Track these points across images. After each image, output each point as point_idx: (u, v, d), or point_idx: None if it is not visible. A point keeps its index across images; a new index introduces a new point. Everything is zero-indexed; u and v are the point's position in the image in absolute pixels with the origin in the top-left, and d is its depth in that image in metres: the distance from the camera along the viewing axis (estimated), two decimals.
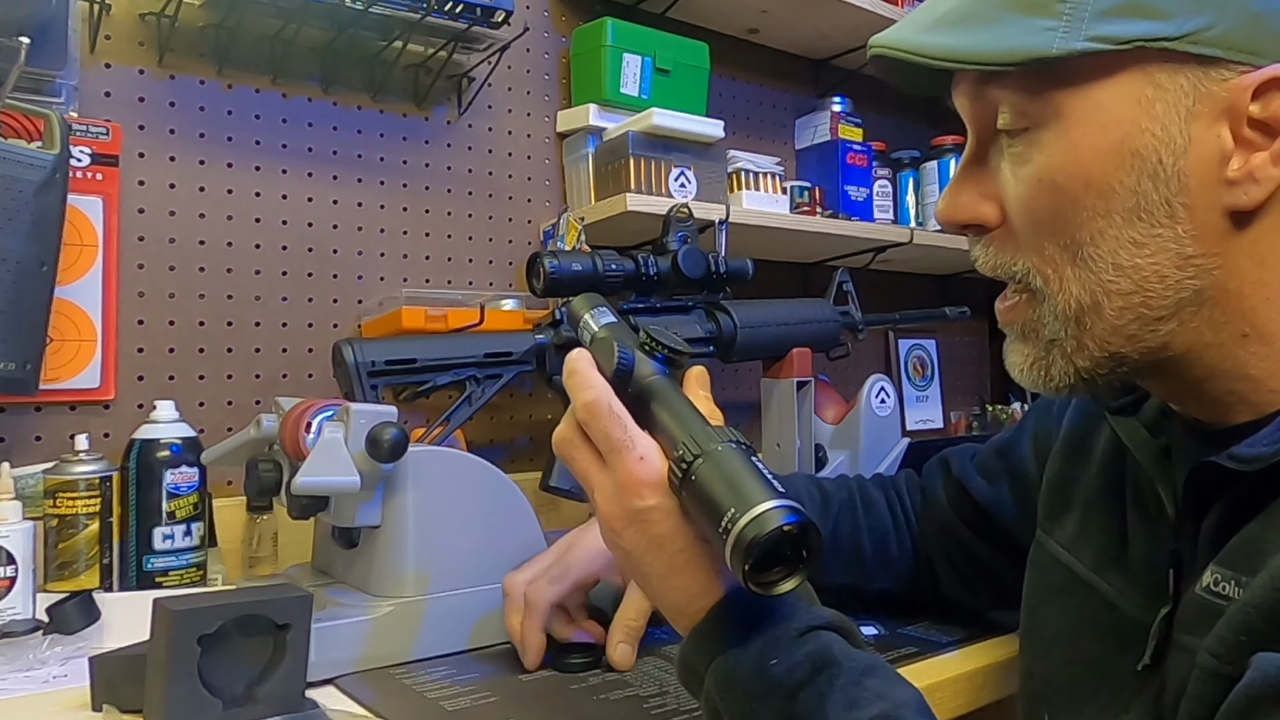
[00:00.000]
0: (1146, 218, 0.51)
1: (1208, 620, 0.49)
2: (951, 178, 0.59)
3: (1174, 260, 0.51)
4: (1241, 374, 0.53)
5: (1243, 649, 0.45)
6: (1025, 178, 0.54)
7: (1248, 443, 0.50)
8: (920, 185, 1.80)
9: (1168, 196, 0.51)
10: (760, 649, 0.50)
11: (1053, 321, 0.55)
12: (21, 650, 0.77)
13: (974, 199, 0.57)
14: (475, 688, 0.71)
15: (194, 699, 0.60)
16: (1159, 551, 0.58)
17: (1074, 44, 0.49)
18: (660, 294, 1.09)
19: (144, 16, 1.11)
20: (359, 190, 1.27)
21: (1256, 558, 0.48)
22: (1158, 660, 0.55)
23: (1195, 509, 0.55)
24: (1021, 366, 0.58)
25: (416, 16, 1.16)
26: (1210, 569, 0.51)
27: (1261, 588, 0.45)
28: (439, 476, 0.81)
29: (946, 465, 0.88)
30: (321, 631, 0.70)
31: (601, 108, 1.40)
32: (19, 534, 0.85)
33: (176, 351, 1.13)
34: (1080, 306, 0.53)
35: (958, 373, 2.10)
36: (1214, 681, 0.46)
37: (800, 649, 0.50)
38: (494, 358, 0.98)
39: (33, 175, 0.91)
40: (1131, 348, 0.53)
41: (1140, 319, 0.53)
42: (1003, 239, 0.56)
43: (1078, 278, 0.53)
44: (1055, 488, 0.71)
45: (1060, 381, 0.56)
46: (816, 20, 1.64)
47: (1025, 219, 0.54)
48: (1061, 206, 0.52)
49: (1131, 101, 0.51)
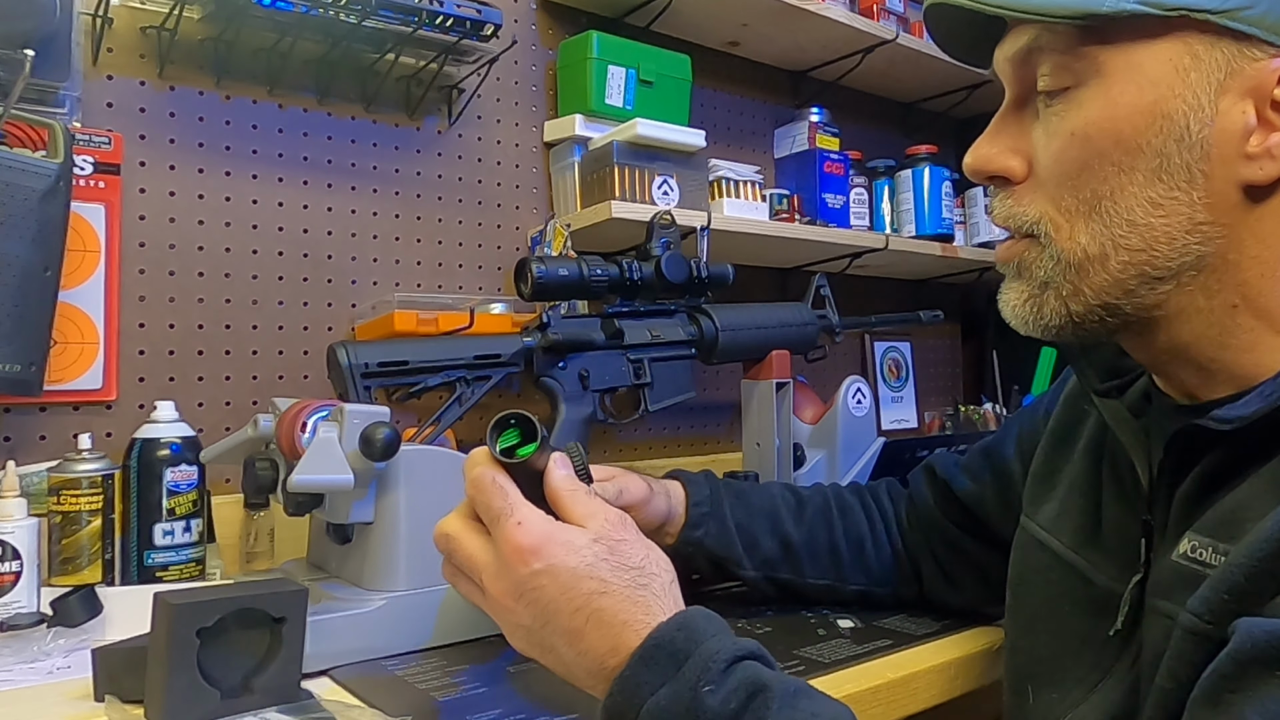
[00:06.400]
0: (1167, 179, 0.53)
1: (1184, 585, 0.50)
2: (985, 132, 0.60)
3: (1184, 224, 0.53)
4: (1224, 343, 0.55)
5: (1225, 608, 0.46)
6: (1059, 132, 0.55)
7: (1227, 407, 0.52)
8: (895, 193, 1.81)
9: (1189, 162, 0.52)
10: (691, 682, 0.49)
11: (1051, 266, 0.56)
12: (26, 642, 0.78)
13: (1004, 152, 0.58)
14: (465, 678, 0.72)
15: (193, 689, 0.60)
16: (1131, 523, 0.59)
17: (1125, 4, 0.51)
18: (644, 298, 1.11)
19: (145, 30, 1.12)
20: (353, 198, 1.28)
21: (1237, 525, 0.49)
22: (1132, 628, 0.56)
23: (1170, 479, 0.56)
24: (1015, 304, 0.59)
25: (409, 30, 1.17)
26: (1187, 536, 0.52)
27: (1246, 548, 0.46)
28: (430, 475, 0.81)
29: (931, 470, 0.90)
30: (316, 624, 0.70)
31: (587, 118, 1.41)
32: (24, 530, 0.85)
33: (176, 354, 1.13)
34: (1086, 256, 0.55)
35: (932, 374, 2.11)
36: (1196, 640, 0.47)
37: (730, 678, 0.49)
38: (483, 360, 0.98)
39: (37, 183, 0.91)
40: (1128, 301, 0.55)
41: (1141, 276, 0.54)
42: (1023, 192, 0.58)
43: (1089, 230, 0.54)
44: (1040, 476, 0.73)
45: (1050, 320, 0.57)
46: (795, 34, 1.64)
47: (1053, 170, 0.56)
48: (1089, 160, 0.54)
49: (1170, 67, 0.52)
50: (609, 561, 0.54)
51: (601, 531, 0.55)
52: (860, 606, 0.91)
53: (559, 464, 0.59)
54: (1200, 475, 0.54)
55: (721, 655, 0.50)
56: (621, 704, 0.51)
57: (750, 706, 0.49)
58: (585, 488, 0.59)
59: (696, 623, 0.53)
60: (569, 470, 0.59)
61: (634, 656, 0.51)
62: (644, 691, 0.50)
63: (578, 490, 0.58)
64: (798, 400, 1.29)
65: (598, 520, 0.56)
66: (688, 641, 0.51)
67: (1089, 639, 0.60)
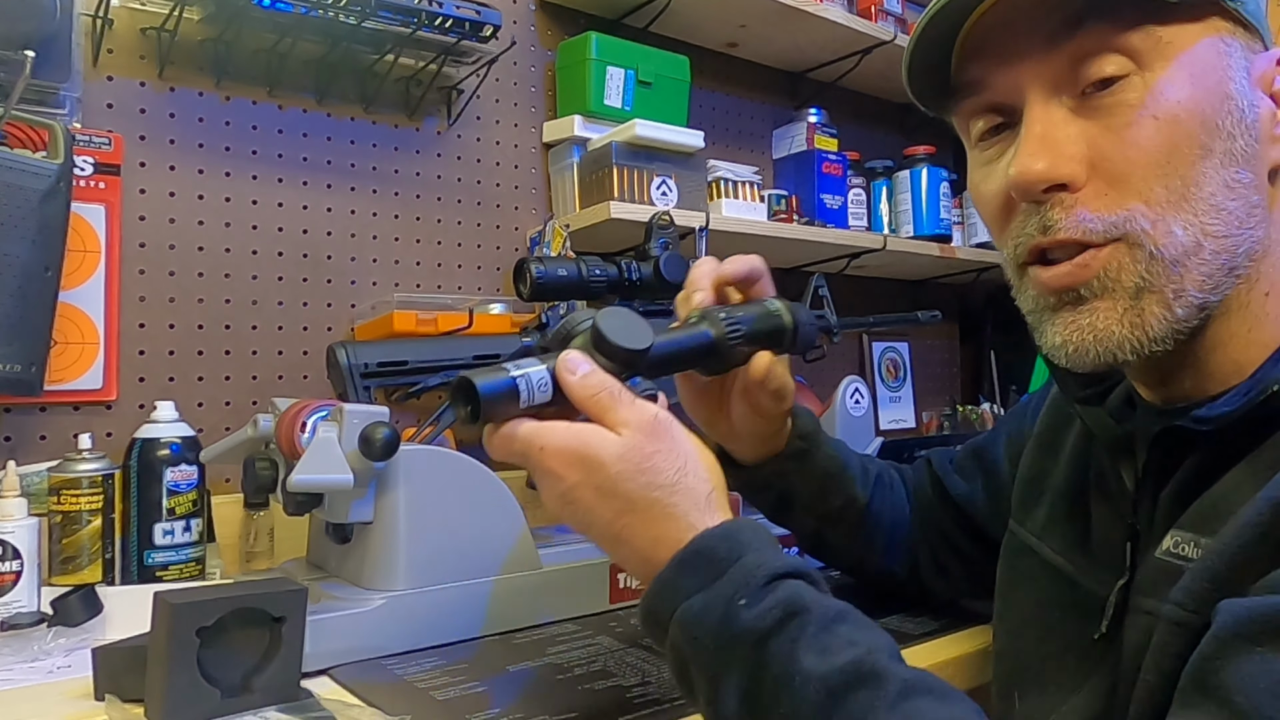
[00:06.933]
0: (1237, 161, 0.51)
1: (1166, 581, 0.50)
2: (1022, 142, 0.53)
3: (1247, 207, 0.51)
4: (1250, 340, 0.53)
5: (1206, 596, 0.46)
6: (1136, 120, 0.51)
7: (1207, 407, 0.51)
8: (893, 193, 1.81)
9: (1247, 143, 0.52)
10: (728, 594, 0.49)
11: (1147, 266, 0.51)
12: (27, 642, 0.78)
13: (1061, 159, 0.52)
14: (464, 677, 0.72)
15: (193, 689, 0.60)
16: (1117, 527, 0.59)
17: None
18: (643, 298, 1.09)
19: (145, 31, 1.12)
20: (352, 198, 1.28)
21: (1216, 517, 0.49)
22: (1116, 630, 0.56)
23: (1154, 481, 0.55)
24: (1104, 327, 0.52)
25: (408, 31, 1.18)
26: (1171, 534, 0.52)
27: (1225, 537, 0.46)
28: (429, 474, 0.81)
29: (929, 463, 0.89)
30: (316, 624, 0.70)
31: (586, 119, 1.41)
32: (24, 530, 0.86)
33: (176, 354, 1.14)
34: (1183, 249, 0.50)
35: (929, 374, 2.11)
36: (1179, 631, 0.47)
37: (769, 595, 0.48)
38: (482, 360, 0.98)
39: (38, 184, 0.92)
40: (1217, 295, 0.51)
41: (1223, 268, 0.51)
42: (1092, 196, 0.52)
43: (1181, 219, 0.51)
44: (1027, 482, 0.72)
45: (1156, 330, 0.51)
46: (793, 35, 1.64)
47: (1137, 161, 0.51)
48: (1178, 143, 0.50)
49: (1215, 51, 0.52)
50: (636, 480, 0.53)
51: (630, 444, 0.54)
52: (873, 586, 0.90)
53: (570, 367, 0.56)
54: (1184, 475, 0.54)
55: (763, 570, 0.49)
56: (657, 606, 0.51)
57: (786, 627, 0.47)
58: (610, 386, 0.56)
59: (742, 534, 0.52)
60: (587, 368, 0.56)
61: (674, 559, 0.51)
62: (679, 596, 0.50)
63: (600, 394, 0.56)
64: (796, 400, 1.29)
65: (629, 430, 0.54)
66: (729, 552, 0.50)
67: (1074, 644, 0.60)
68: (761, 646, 0.47)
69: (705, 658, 0.48)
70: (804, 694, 0.45)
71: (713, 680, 0.48)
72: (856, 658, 0.46)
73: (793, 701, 0.46)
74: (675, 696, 0.68)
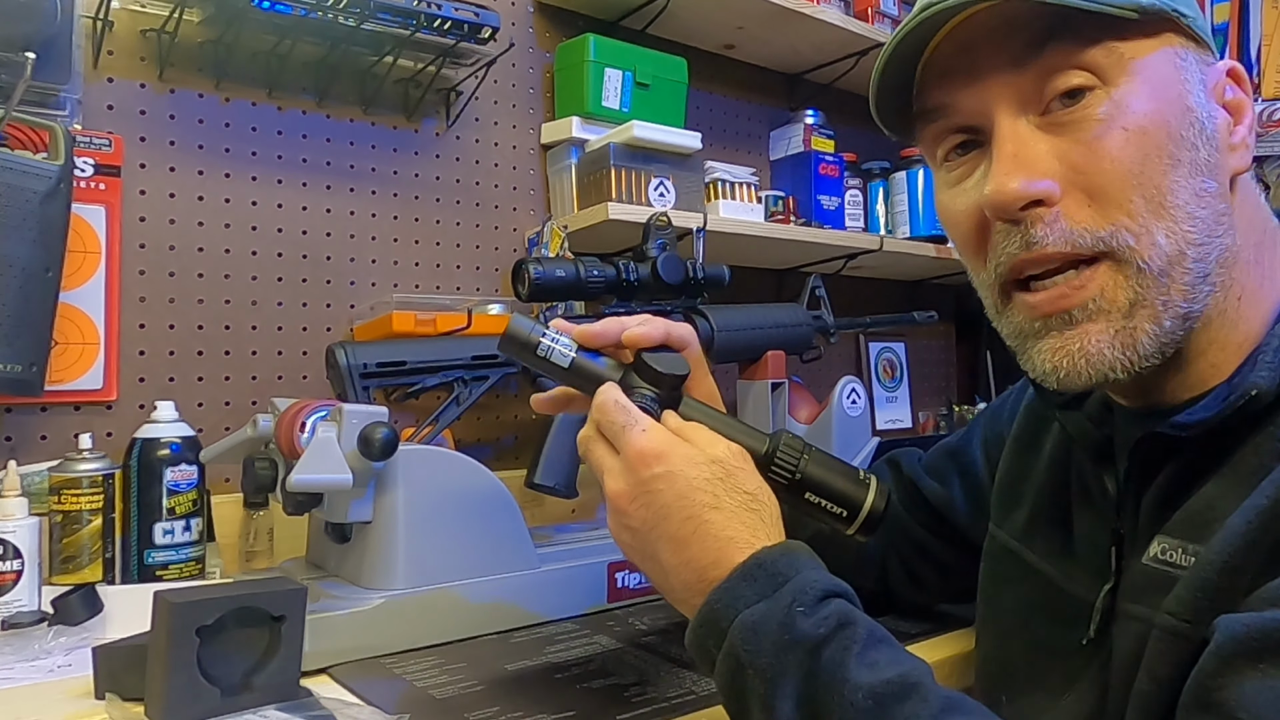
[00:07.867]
0: (1202, 171, 0.52)
1: (1156, 588, 0.50)
2: (997, 160, 0.53)
3: (1215, 215, 0.53)
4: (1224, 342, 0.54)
5: (1202, 606, 0.46)
6: (1105, 132, 0.51)
7: (1186, 413, 0.52)
8: (890, 195, 1.81)
9: (1210, 153, 0.53)
10: (786, 602, 0.50)
11: (1137, 280, 0.51)
12: (28, 641, 0.79)
13: (1035, 174, 0.52)
14: (462, 676, 0.72)
15: (193, 688, 0.60)
16: (1101, 531, 0.59)
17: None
18: (640, 299, 1.10)
19: (145, 32, 1.12)
20: (351, 199, 1.28)
21: (1205, 525, 0.49)
22: (1103, 635, 0.56)
23: (1137, 486, 0.56)
24: (1094, 350, 0.52)
25: (407, 33, 1.18)
26: (1157, 539, 0.52)
27: (1216, 546, 0.47)
28: (428, 474, 0.82)
29: (897, 465, 0.88)
30: (315, 623, 0.71)
31: (584, 120, 1.41)
32: (25, 529, 0.86)
33: (176, 354, 1.14)
34: (1168, 258, 0.51)
35: (925, 374, 2.11)
36: (1174, 640, 0.47)
37: (824, 606, 0.51)
38: (481, 360, 0.99)
39: (38, 185, 0.92)
40: (1200, 305, 0.52)
41: (1201, 276, 0.52)
42: (1074, 209, 0.52)
43: (1163, 227, 0.51)
44: (1006, 485, 0.72)
45: (1146, 348, 0.52)
46: (790, 37, 1.64)
47: (1112, 172, 0.51)
48: (1149, 154, 0.51)
49: (1172, 65, 0.53)
50: (725, 482, 0.56)
51: (722, 455, 0.57)
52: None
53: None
54: (1166, 480, 0.54)
55: (819, 585, 0.52)
56: (718, 613, 0.52)
57: (839, 635, 0.49)
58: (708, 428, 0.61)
59: (799, 553, 0.54)
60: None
61: (737, 570, 0.53)
62: (740, 604, 0.51)
63: (701, 427, 0.60)
64: (793, 400, 1.30)
65: (719, 447, 0.58)
66: (789, 566, 0.52)
67: (1060, 649, 0.60)
68: (816, 653, 0.49)
69: (764, 661, 0.50)
70: (854, 700, 0.47)
71: (770, 682, 0.49)
72: (903, 672, 0.48)
73: (843, 707, 0.47)
74: (672, 695, 0.68)
